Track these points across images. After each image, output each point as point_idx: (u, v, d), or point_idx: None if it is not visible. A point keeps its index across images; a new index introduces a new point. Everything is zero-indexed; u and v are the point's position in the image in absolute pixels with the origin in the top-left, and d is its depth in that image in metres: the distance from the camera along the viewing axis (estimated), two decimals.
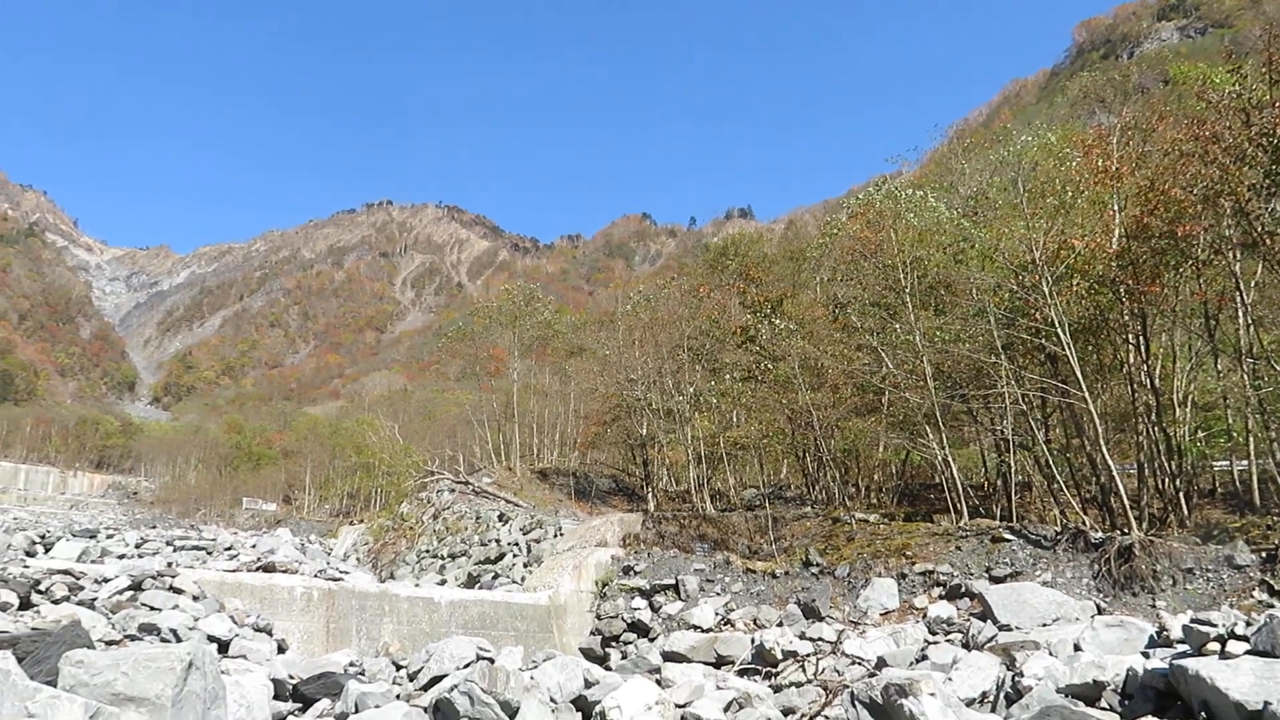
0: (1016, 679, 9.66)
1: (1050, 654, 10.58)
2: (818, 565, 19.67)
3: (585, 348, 46.68)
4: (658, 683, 10.72)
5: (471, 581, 25.30)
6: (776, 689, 12.03)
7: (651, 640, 18.32)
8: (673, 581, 20.05)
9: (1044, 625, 13.60)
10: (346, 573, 19.06)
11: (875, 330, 24.60)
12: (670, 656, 15.17)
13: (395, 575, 29.59)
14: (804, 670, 13.06)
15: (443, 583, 25.68)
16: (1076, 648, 10.77)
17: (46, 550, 17.00)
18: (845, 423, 25.81)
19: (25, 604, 10.11)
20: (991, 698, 9.85)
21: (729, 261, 43.62)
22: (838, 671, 12.77)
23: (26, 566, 11.61)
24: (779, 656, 14.04)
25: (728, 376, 30.26)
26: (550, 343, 53.51)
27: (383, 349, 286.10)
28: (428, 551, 30.82)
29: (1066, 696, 8.75)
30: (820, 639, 14.98)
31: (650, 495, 34.06)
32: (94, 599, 10.75)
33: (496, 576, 24.61)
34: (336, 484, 74.56)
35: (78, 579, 11.36)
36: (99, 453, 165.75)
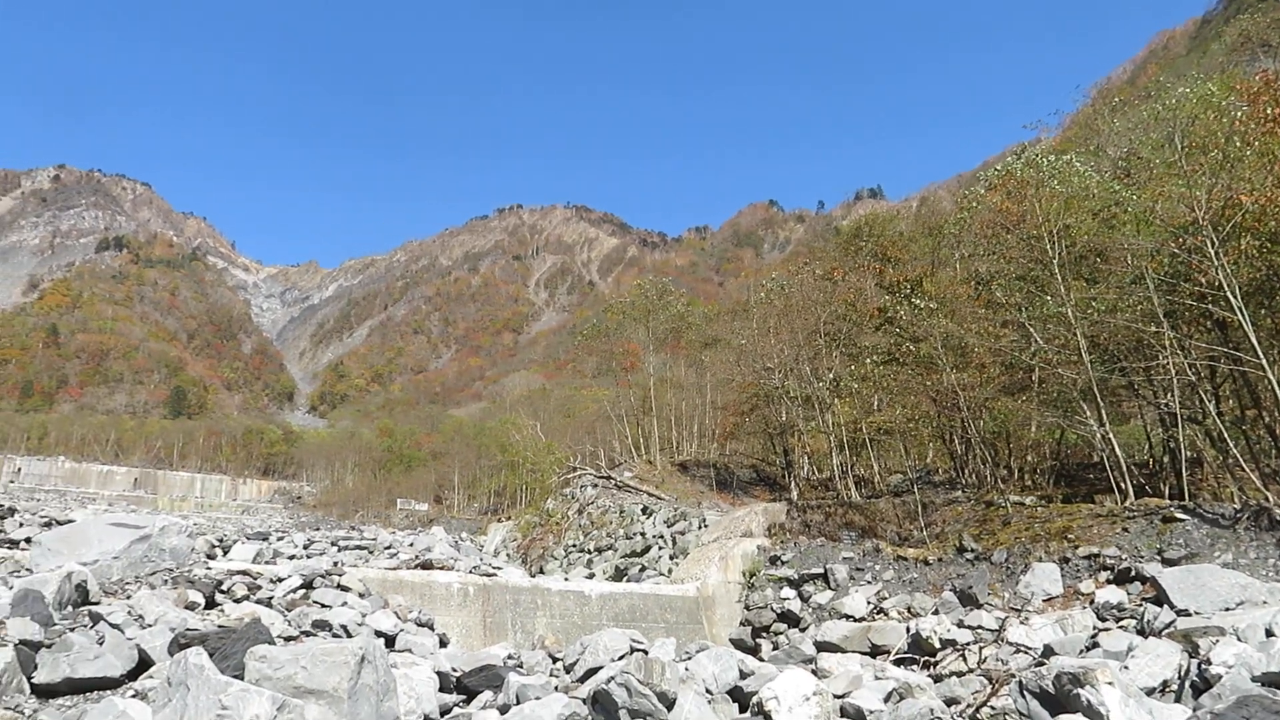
0: (1203, 667, 9.06)
1: (1239, 640, 9.88)
2: (972, 551, 19.01)
3: (719, 338, 46.52)
4: (813, 673, 10.57)
5: (619, 575, 25.62)
6: (937, 679, 11.69)
7: (802, 630, 18.11)
8: (821, 570, 19.76)
9: (1226, 610, 12.72)
10: (499, 568, 19.58)
11: (1022, 305, 23.54)
12: (823, 646, 14.96)
13: (544, 570, 30.28)
14: (965, 659, 12.64)
15: (591, 576, 26.10)
16: (1269, 633, 10.02)
17: (224, 553, 18.09)
18: (994, 403, 24.81)
19: (210, 603, 10.77)
20: (1174, 687, 9.28)
21: (863, 243, 42.64)
22: (1001, 661, 12.30)
23: (209, 569, 12.39)
24: (937, 645, 13.64)
25: (868, 360, 29.56)
26: (683, 335, 53.57)
27: (520, 350, 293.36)
28: (574, 546, 31.40)
29: (1263, 685, 8.15)
30: (980, 627, 14.47)
31: (792, 484, 33.68)
32: (270, 597, 11.38)
33: (643, 569, 24.83)
34: (483, 483, 76.75)
35: (255, 579, 12.05)
36: (264, 460, 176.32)
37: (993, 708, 9.90)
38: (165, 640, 7.97)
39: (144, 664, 7.80)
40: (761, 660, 13.60)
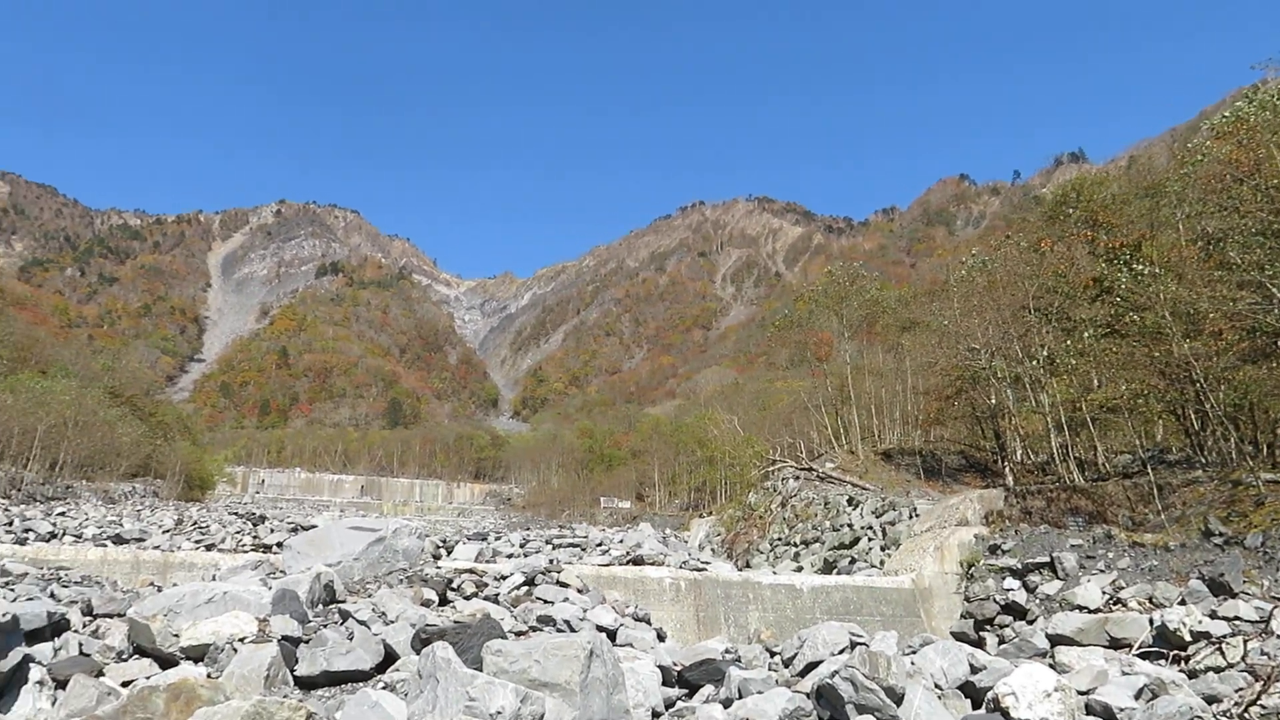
0: None
1: None
2: (1221, 535, 17.40)
3: (917, 321, 44.89)
4: (1050, 667, 9.96)
5: (828, 567, 25.19)
6: (1191, 674, 10.76)
7: (1030, 623, 17.17)
8: (1047, 559, 18.67)
9: None
10: (707, 563, 19.67)
11: (1261, 263, 21.33)
12: (1056, 640, 14.10)
13: (751, 564, 30.21)
14: (1222, 654, 11.57)
15: (799, 569, 25.81)
16: None
17: (448, 553, 19.00)
18: (1233, 373, 22.63)
19: (443, 600, 11.34)
20: None
21: (1070, 210, 39.97)
22: (1267, 655, 11.18)
23: (438, 568, 13.04)
24: (1187, 639, 12.56)
25: (1085, 334, 27.66)
26: (878, 320, 52.11)
27: (710, 346, 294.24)
28: (780, 539, 31.15)
29: None
30: (1237, 618, 13.21)
31: (1007, 469, 32.01)
32: (496, 594, 11.86)
33: (854, 561, 24.30)
34: (683, 479, 77.38)
35: (481, 577, 12.60)
36: (475, 464, 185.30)
37: (1263, 706, 8.99)
38: (407, 636, 8.44)
39: (390, 658, 8.27)
40: (988, 654, 12.97)
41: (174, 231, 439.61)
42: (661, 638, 12.47)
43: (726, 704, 9.24)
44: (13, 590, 9.55)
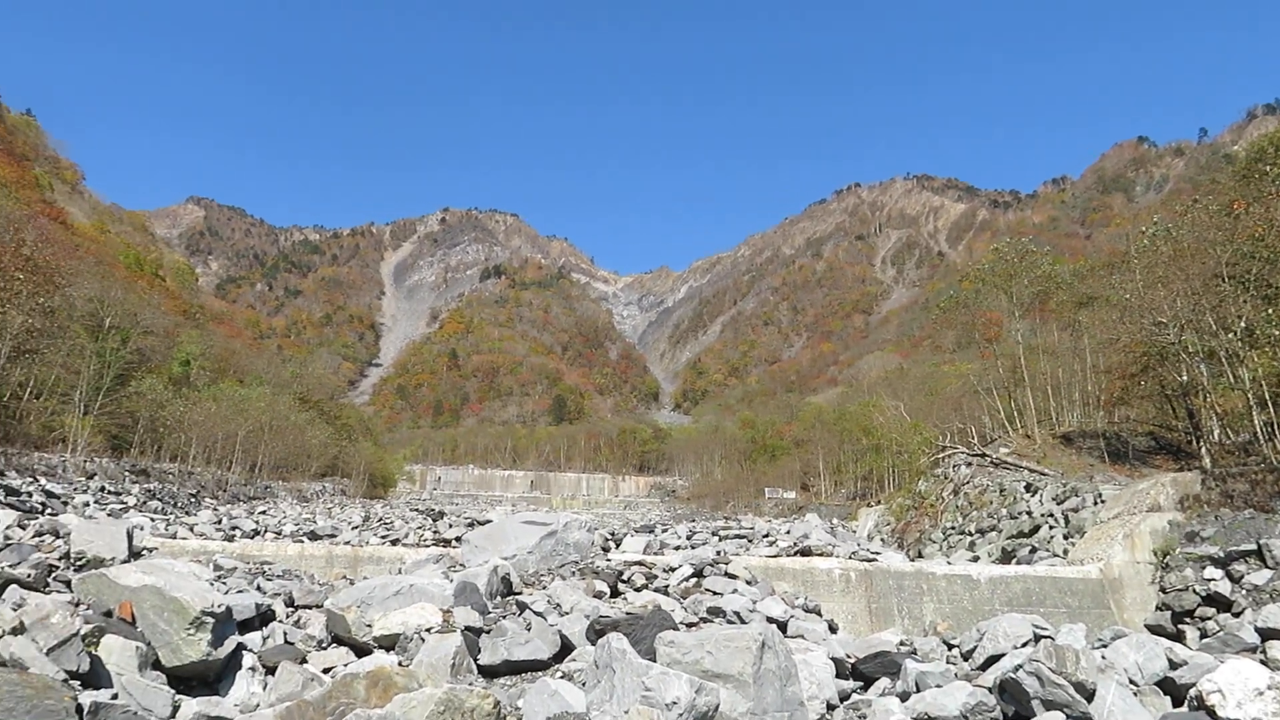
0: None
1: None
2: None
3: (1095, 296, 42.34)
4: (1261, 663, 9.24)
5: (1006, 557, 24.19)
6: None
7: (1236, 615, 15.95)
8: (1253, 546, 17.26)
9: None
10: (878, 553, 19.25)
11: None
12: (1267, 634, 13.02)
13: (923, 554, 29.35)
14: None
15: (975, 559, 24.89)
16: None
17: (617, 545, 19.35)
18: None
19: (614, 592, 11.58)
20: None
21: (1268, 167, 36.70)
22: None
23: (609, 560, 13.32)
24: None
25: None
26: (1052, 297, 49.44)
27: (872, 330, 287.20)
28: (953, 528, 30.13)
29: None
30: None
31: (1203, 450, 29.78)
32: (666, 586, 12.01)
33: (1034, 550, 23.22)
34: (849, 467, 76.00)
35: (650, 569, 12.79)
36: (639, 458, 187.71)
37: None
38: (581, 627, 8.67)
39: (566, 648, 8.51)
40: (1188, 649, 12.14)
41: (349, 244, 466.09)
42: (833, 629, 12.31)
43: (904, 697, 9.04)
44: (225, 583, 10.40)
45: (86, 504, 23.19)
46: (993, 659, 10.35)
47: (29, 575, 8.31)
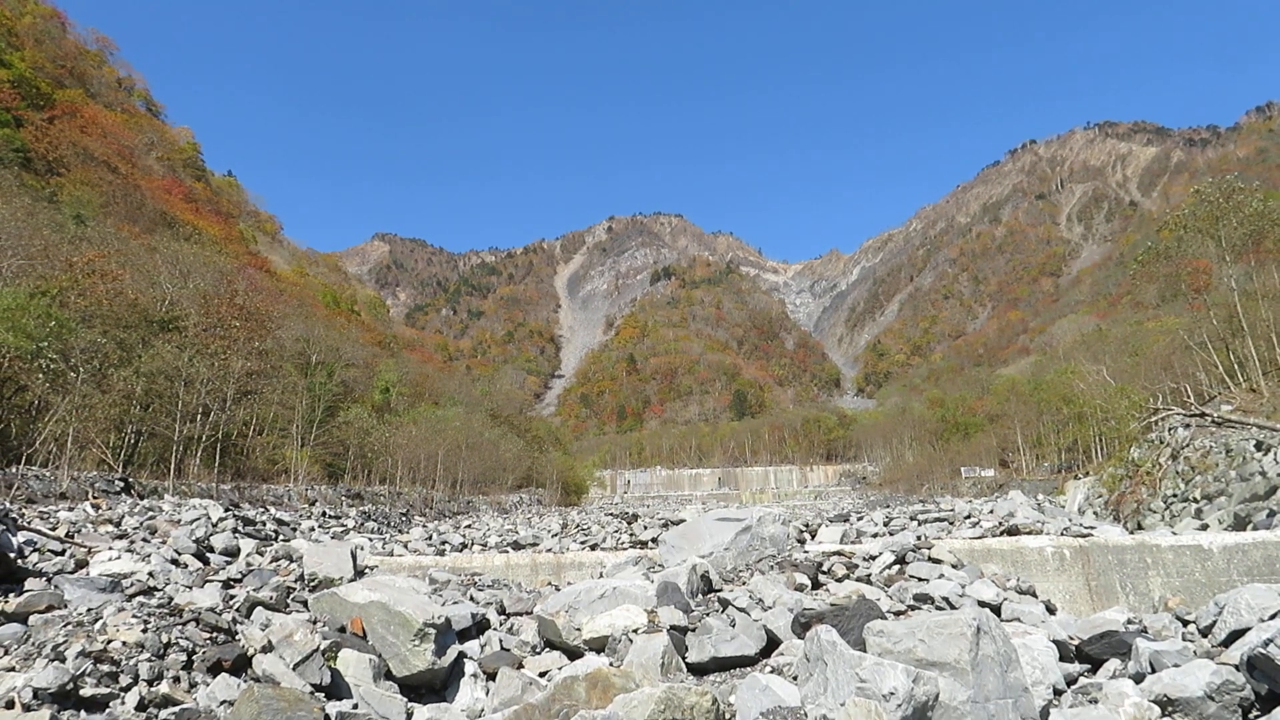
0: None
1: None
2: None
3: None
4: None
5: (1240, 523, 22.28)
6: None
7: None
8: None
9: None
10: (1092, 528, 18.15)
11: None
12: None
13: (1143, 525, 27.50)
14: None
15: (1203, 528, 23.07)
16: None
17: (812, 536, 19.15)
18: None
19: (815, 584, 11.46)
20: None
21: None
22: None
23: (806, 552, 13.18)
24: None
25: None
26: (1267, 235, 45.12)
27: (1062, 293, 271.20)
28: (1174, 495, 28.05)
29: None
30: None
31: None
32: (868, 575, 11.77)
33: (1272, 514, 21.27)
34: (1050, 440, 72.40)
35: (849, 558, 12.57)
36: (825, 446, 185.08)
37: None
38: (786, 620, 8.62)
39: (772, 643, 8.48)
40: None
41: (523, 262, 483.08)
42: (1051, 611, 11.72)
43: (1138, 679, 8.49)
44: (441, 595, 10.97)
45: (312, 529, 25.01)
46: (1236, 634, 9.56)
47: (271, 597, 9.07)
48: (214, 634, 7.67)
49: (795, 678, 6.87)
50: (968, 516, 20.64)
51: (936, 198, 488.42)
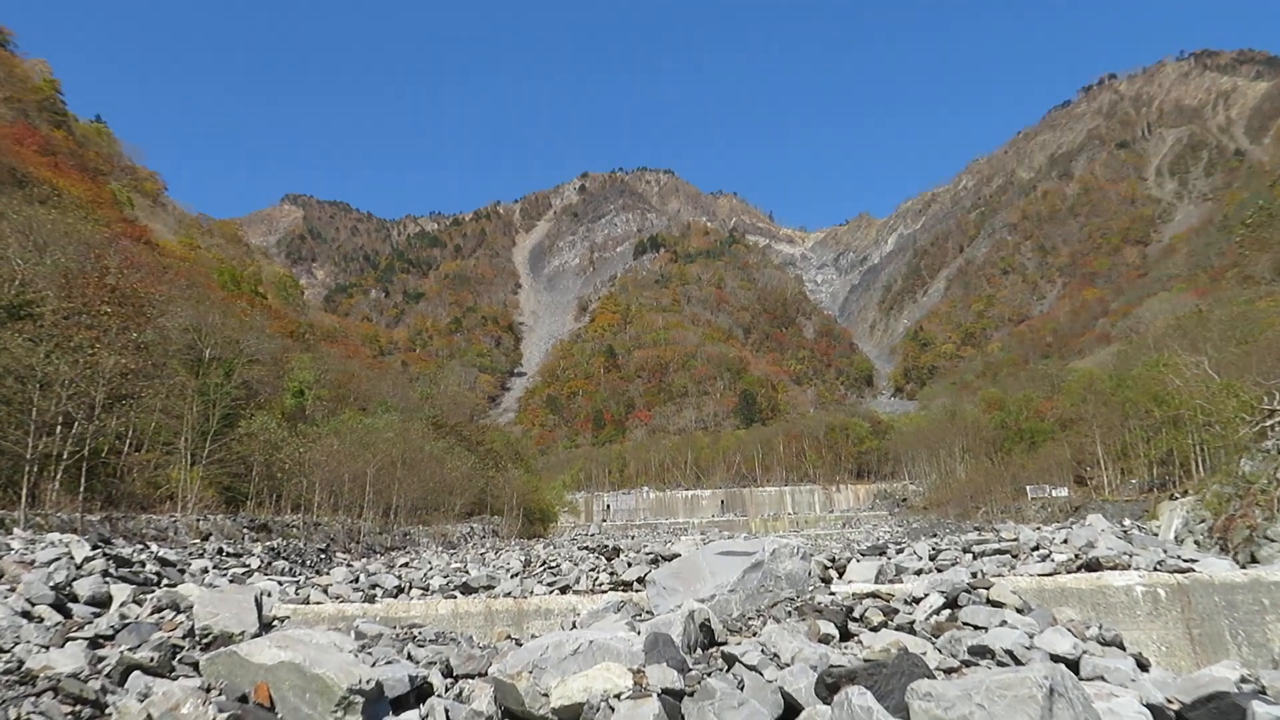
0: None
1: None
2: None
3: None
4: None
5: None
6: None
7: None
8: None
9: None
10: (1193, 560, 18.22)
11: None
12: None
13: (1257, 556, 27.68)
14: None
15: None
16: None
17: (839, 574, 19.18)
18: None
19: (844, 634, 11.43)
20: None
21: None
22: None
23: (831, 594, 13.17)
24: None
25: None
26: None
27: (1151, 265, 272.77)
28: None
29: None
30: None
31: None
32: (911, 622, 11.75)
33: None
34: (1137, 451, 72.83)
35: (887, 601, 12.56)
36: (855, 460, 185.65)
37: None
38: (808, 680, 8.55)
39: (791, 709, 8.41)
40: None
41: (474, 231, 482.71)
42: (1142, 666, 11.73)
43: None
44: (370, 653, 10.85)
45: (205, 570, 24.85)
46: None
47: (152, 659, 8.94)
48: (77, 707, 7.55)
49: None
50: (1035, 548, 20.66)
51: (992, 148, 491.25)
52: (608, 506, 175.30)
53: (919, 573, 20.18)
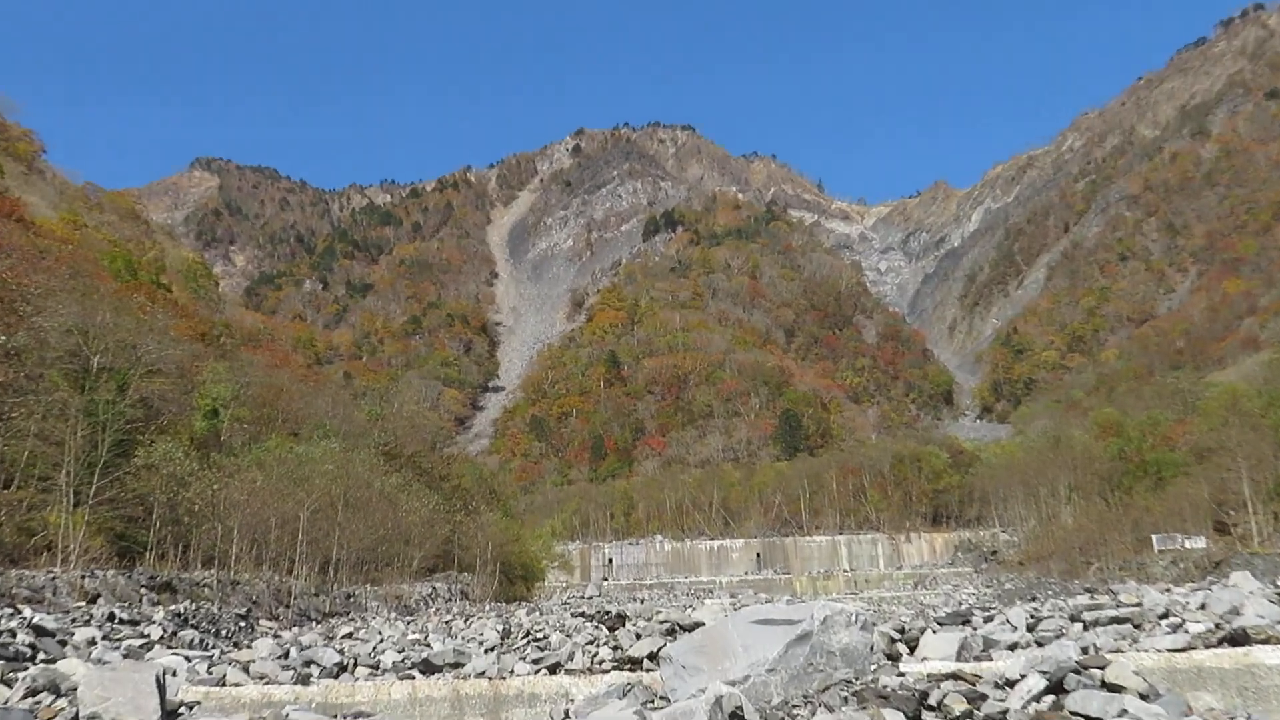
0: None
1: None
2: None
3: None
4: None
5: None
6: None
7: None
8: None
9: None
10: None
11: None
12: None
13: None
14: None
15: None
16: None
17: (910, 649, 19.15)
18: None
19: None
20: None
21: None
22: None
23: (901, 674, 13.16)
24: None
25: None
26: None
27: None
28: None
29: None
30: None
31: None
32: (1003, 711, 11.74)
33: None
34: None
35: (972, 684, 12.54)
36: (930, 501, 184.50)
37: None
38: None
39: None
40: None
41: (437, 205, 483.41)
42: None
43: None
44: None
45: (93, 641, 24.84)
46: None
47: None
48: None
49: None
50: (1164, 615, 20.60)
51: (1105, 99, 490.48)
52: (610, 561, 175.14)
53: (1013, 647, 20.16)
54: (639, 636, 23.71)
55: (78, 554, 38.32)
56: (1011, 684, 12.85)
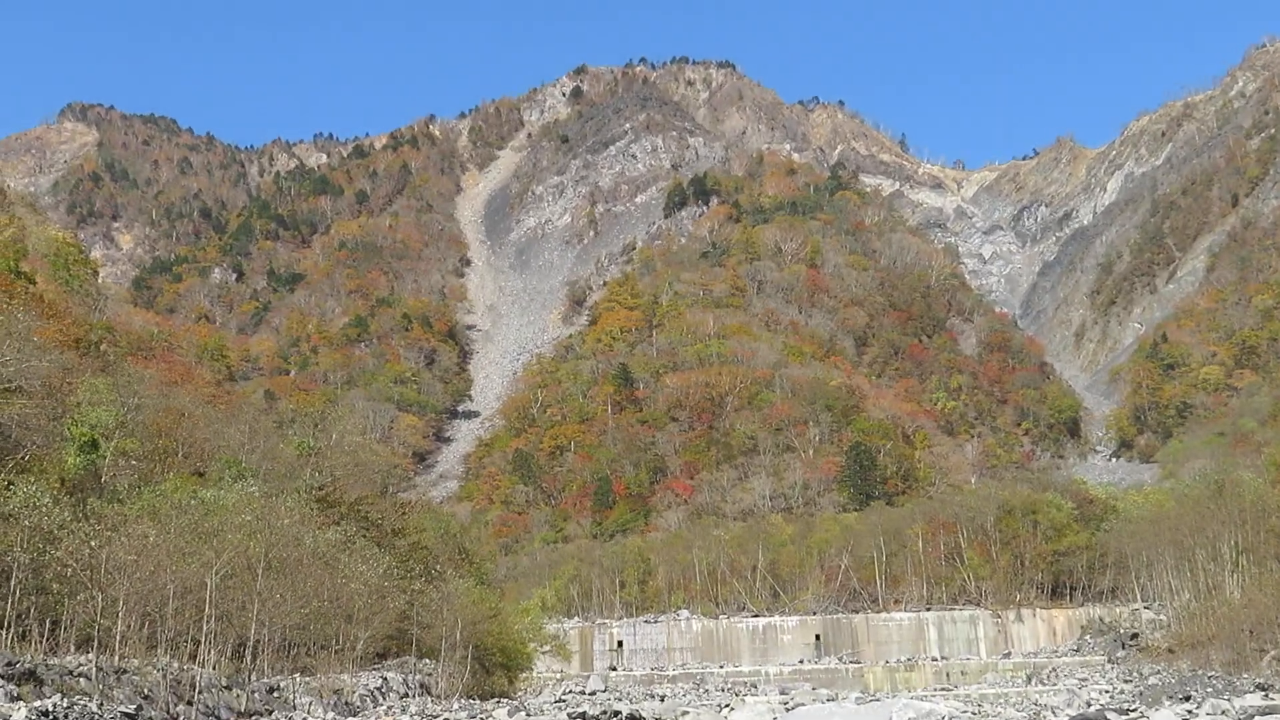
0: None
1: None
2: None
3: None
4: None
5: None
6: None
7: None
8: None
9: None
10: None
11: None
12: None
13: None
14: None
15: None
16: None
17: None
18: None
19: None
20: None
21: None
22: None
23: None
24: None
25: None
26: None
27: None
28: None
29: None
30: None
31: None
32: None
33: None
34: None
35: None
36: (1050, 567, 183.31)
37: None
38: None
39: None
40: None
41: (389, 166, 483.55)
42: None
43: None
44: None
45: None
46: None
47: None
48: None
49: None
50: None
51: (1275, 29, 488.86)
52: (619, 644, 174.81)
53: None
54: None
55: None
56: None
